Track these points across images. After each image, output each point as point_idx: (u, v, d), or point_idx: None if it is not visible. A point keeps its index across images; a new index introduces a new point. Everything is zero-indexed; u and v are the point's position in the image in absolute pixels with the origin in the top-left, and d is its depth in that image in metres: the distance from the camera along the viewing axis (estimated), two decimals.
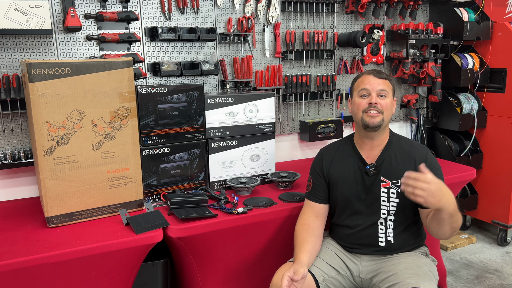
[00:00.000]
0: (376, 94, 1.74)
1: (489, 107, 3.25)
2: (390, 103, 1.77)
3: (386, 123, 1.77)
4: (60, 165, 1.75)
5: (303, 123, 2.87)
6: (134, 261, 1.78)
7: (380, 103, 1.73)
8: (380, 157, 1.79)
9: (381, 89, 1.74)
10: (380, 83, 1.75)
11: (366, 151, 1.82)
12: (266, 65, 2.72)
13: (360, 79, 1.80)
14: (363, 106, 1.75)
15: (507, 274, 2.83)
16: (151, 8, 2.36)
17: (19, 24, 1.90)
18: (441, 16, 3.24)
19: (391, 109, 1.78)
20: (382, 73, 1.79)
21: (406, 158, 1.77)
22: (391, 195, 1.76)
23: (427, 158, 1.76)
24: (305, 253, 1.68)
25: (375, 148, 1.81)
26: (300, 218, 1.86)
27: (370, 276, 1.78)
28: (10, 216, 1.94)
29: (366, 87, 1.75)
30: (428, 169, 1.65)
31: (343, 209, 1.84)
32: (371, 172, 1.77)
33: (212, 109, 2.18)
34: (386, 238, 1.78)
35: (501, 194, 3.19)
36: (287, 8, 2.72)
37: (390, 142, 1.81)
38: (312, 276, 1.70)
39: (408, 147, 1.80)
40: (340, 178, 1.83)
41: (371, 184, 1.78)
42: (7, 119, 2.12)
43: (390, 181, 1.76)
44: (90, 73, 1.75)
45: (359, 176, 1.80)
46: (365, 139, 1.81)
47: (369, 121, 1.73)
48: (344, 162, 1.85)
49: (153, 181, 2.08)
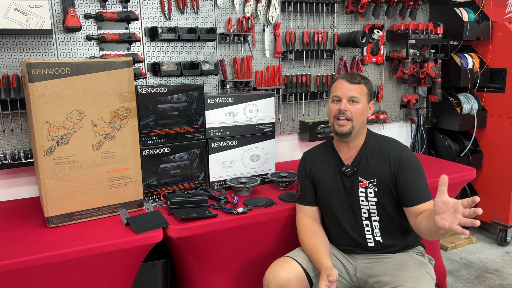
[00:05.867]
0: (346, 101, 1.74)
1: (489, 107, 3.25)
2: (361, 109, 1.75)
3: (358, 129, 1.77)
4: (60, 165, 1.75)
5: (303, 123, 2.87)
6: (134, 261, 1.78)
7: (350, 109, 1.73)
8: (356, 158, 1.80)
9: (352, 96, 1.73)
10: (351, 89, 1.74)
11: (344, 153, 1.84)
12: (266, 65, 2.72)
13: (334, 84, 1.80)
14: (334, 112, 1.76)
15: (507, 274, 2.83)
16: (151, 8, 2.36)
17: (19, 24, 1.90)
18: (441, 16, 3.24)
19: (362, 115, 1.76)
20: (356, 77, 1.77)
21: (382, 157, 1.77)
22: (369, 194, 1.77)
23: (402, 155, 1.74)
24: (325, 256, 1.69)
25: (352, 150, 1.82)
26: (301, 225, 1.87)
27: (366, 275, 1.78)
28: (10, 216, 1.94)
29: (337, 93, 1.76)
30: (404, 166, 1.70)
31: (328, 211, 1.86)
32: (347, 172, 1.79)
33: (212, 109, 2.18)
34: (374, 238, 1.79)
35: (501, 194, 3.19)
36: (287, 8, 2.72)
37: (366, 142, 1.81)
38: (304, 271, 1.72)
39: (384, 146, 1.79)
40: (322, 180, 1.85)
41: (350, 185, 1.79)
42: (7, 119, 2.12)
43: (367, 181, 1.76)
44: (90, 73, 1.75)
45: (339, 177, 1.82)
46: (340, 142, 1.83)
47: (338, 129, 1.75)
48: (325, 164, 1.87)
49: (153, 181, 2.08)
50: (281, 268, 1.71)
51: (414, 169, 1.72)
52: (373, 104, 1.83)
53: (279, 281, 1.67)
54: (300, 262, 1.75)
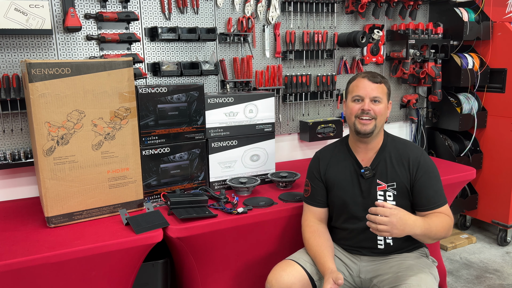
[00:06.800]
0: (369, 100, 1.71)
1: (489, 107, 3.25)
2: (384, 108, 1.74)
3: (379, 129, 1.75)
4: (60, 165, 1.75)
5: (303, 123, 2.87)
6: (134, 261, 1.78)
7: (373, 109, 1.71)
8: (375, 160, 1.78)
9: (375, 96, 1.71)
10: (374, 89, 1.71)
11: (361, 154, 1.81)
12: (266, 65, 2.72)
13: (355, 83, 1.77)
14: (356, 111, 1.73)
15: (507, 274, 2.83)
16: (151, 8, 2.36)
17: (19, 24, 1.90)
18: (441, 16, 3.23)
19: (384, 114, 1.75)
20: (377, 76, 1.75)
21: (401, 160, 1.75)
22: (388, 198, 1.75)
23: (421, 160, 1.74)
24: (330, 260, 1.67)
25: (370, 151, 1.79)
26: (306, 226, 1.84)
27: (370, 276, 1.78)
28: (10, 216, 1.94)
29: (359, 93, 1.73)
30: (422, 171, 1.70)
31: (340, 213, 1.83)
32: (366, 175, 1.76)
33: (212, 109, 2.18)
34: (385, 241, 1.78)
35: (501, 194, 3.19)
36: (287, 8, 2.72)
37: (385, 144, 1.80)
38: (307, 274, 1.70)
39: (402, 149, 1.78)
40: (336, 181, 1.82)
41: (367, 188, 1.77)
42: (7, 119, 2.12)
43: (386, 184, 1.75)
44: (90, 73, 1.75)
45: (355, 179, 1.79)
46: (359, 143, 1.80)
47: (361, 128, 1.72)
48: (340, 166, 1.83)
49: (153, 181, 2.08)
50: (284, 272, 1.68)
51: (431, 174, 1.72)
52: (391, 103, 1.81)
53: (282, 285, 1.65)
54: (303, 265, 1.72)
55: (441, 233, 1.64)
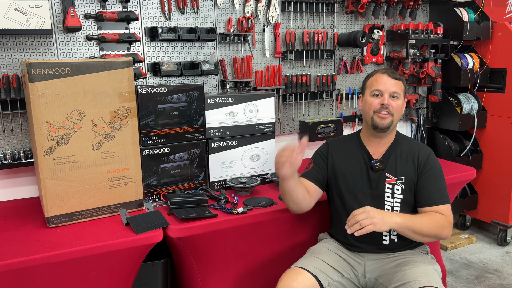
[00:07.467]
0: (388, 95, 1.74)
1: (489, 107, 3.25)
2: (401, 105, 1.78)
3: (395, 125, 1.80)
4: (60, 165, 1.75)
5: (303, 123, 2.87)
6: (134, 261, 1.78)
7: (392, 104, 1.74)
8: (386, 154, 1.81)
9: (394, 91, 1.75)
10: (393, 84, 1.75)
11: (373, 148, 1.84)
12: (266, 65, 2.72)
13: (374, 78, 1.79)
14: (375, 106, 1.76)
15: (507, 274, 2.84)
16: (151, 8, 2.36)
17: (19, 24, 1.90)
18: (441, 16, 3.24)
19: (401, 111, 1.79)
20: (396, 73, 1.79)
21: (411, 156, 1.79)
22: (396, 191, 1.77)
23: (429, 158, 1.78)
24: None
25: (382, 146, 1.83)
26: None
27: (375, 275, 1.77)
28: (10, 216, 1.94)
29: (379, 87, 1.75)
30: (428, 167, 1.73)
31: (345, 205, 1.83)
32: (376, 166, 1.78)
33: (212, 109, 2.18)
34: (390, 236, 1.79)
35: (501, 194, 3.19)
36: (287, 8, 2.72)
37: (396, 141, 1.84)
38: (317, 280, 1.66)
39: (413, 147, 1.83)
40: (346, 171, 1.84)
41: (375, 180, 1.79)
42: (7, 119, 2.12)
43: (395, 178, 1.77)
44: (90, 73, 1.74)
45: (364, 170, 1.81)
46: (372, 137, 1.83)
47: (379, 122, 1.75)
48: (350, 156, 1.86)
49: (153, 181, 2.08)
50: (294, 282, 1.62)
51: (436, 172, 1.76)
52: (405, 101, 1.84)
53: None
54: (312, 271, 1.67)
55: (429, 230, 1.65)
